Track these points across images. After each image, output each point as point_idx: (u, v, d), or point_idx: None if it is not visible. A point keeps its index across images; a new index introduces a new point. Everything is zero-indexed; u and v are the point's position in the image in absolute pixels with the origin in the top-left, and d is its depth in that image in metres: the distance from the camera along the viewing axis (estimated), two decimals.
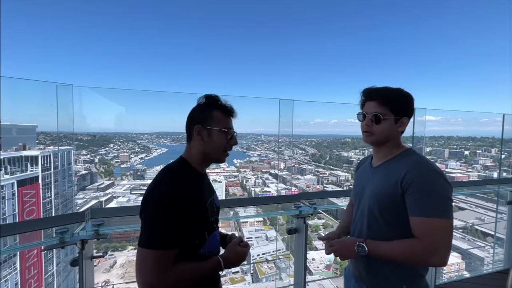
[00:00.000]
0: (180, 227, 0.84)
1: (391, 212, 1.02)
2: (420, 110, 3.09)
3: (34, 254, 6.68)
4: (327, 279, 4.07)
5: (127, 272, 10.43)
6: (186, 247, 0.89)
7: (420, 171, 0.96)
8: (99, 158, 16.67)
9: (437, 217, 0.91)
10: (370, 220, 1.08)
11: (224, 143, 0.98)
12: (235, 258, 0.98)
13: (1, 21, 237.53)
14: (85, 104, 2.07)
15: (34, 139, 8.06)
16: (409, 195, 0.95)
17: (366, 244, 1.00)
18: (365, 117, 1.08)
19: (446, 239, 0.92)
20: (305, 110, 18.78)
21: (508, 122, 3.75)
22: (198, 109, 0.99)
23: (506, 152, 4.82)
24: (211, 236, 0.98)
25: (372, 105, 1.06)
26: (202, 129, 0.95)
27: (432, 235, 0.91)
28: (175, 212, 0.82)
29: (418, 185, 0.94)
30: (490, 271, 2.96)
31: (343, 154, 18.70)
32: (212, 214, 0.98)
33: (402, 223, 1.00)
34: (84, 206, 12.83)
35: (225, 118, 0.99)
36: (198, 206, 0.90)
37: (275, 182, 18.21)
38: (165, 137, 17.61)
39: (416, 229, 0.94)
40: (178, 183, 0.88)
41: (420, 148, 3.33)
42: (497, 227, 3.45)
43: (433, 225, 0.91)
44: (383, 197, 1.02)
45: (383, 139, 1.08)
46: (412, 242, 0.94)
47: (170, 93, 2.81)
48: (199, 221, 0.91)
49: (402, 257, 0.96)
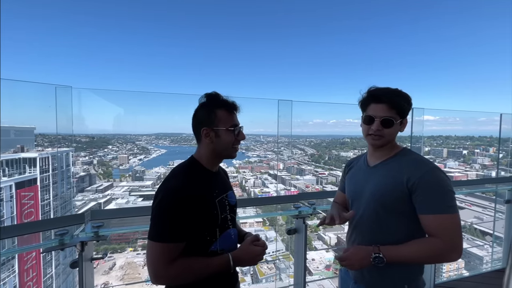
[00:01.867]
0: (184, 222, 0.87)
1: (396, 212, 1.02)
2: (419, 110, 3.10)
3: (33, 257, 6.64)
4: (327, 279, 4.07)
5: (126, 274, 10.38)
6: (196, 242, 0.92)
7: (424, 170, 0.98)
8: (98, 160, 16.60)
9: (449, 212, 0.94)
10: (373, 221, 1.07)
11: (232, 140, 1.01)
12: (247, 256, 0.99)
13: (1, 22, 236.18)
14: (84, 106, 2.07)
15: (32, 141, 8.04)
16: (418, 195, 0.96)
17: (382, 253, 0.96)
18: (373, 120, 1.06)
19: (460, 233, 0.94)
20: (304, 110, 18.76)
21: (506, 121, 3.77)
22: (201, 110, 1.01)
23: (503, 151, 4.84)
24: (224, 234, 0.99)
25: (381, 108, 1.04)
26: (209, 130, 0.98)
27: (449, 231, 0.93)
28: (179, 207, 0.85)
29: (425, 184, 0.96)
30: (489, 270, 2.98)
31: (342, 154, 18.72)
32: (222, 211, 0.99)
33: (408, 223, 1.01)
34: (82, 208, 12.77)
35: (229, 115, 1.01)
36: (203, 202, 0.92)
37: (274, 183, 18.19)
38: (164, 138, 17.58)
39: (431, 227, 0.95)
40: (184, 180, 0.92)
41: (419, 148, 3.34)
42: (496, 226, 3.46)
43: (447, 221, 0.93)
44: (387, 197, 1.02)
45: (389, 142, 1.09)
46: (432, 241, 0.95)
47: (169, 94, 2.82)
48: (206, 217, 0.93)
49: (422, 258, 0.96)
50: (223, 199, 1.02)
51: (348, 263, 1.00)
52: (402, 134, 1.13)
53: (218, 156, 1.04)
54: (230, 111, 1.01)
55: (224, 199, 1.02)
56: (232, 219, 1.07)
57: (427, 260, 1.00)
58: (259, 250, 1.00)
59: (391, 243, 0.99)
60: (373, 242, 1.01)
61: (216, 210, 0.96)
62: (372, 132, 1.06)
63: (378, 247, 0.98)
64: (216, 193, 0.99)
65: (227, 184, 1.12)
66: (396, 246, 0.98)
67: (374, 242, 1.01)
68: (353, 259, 0.99)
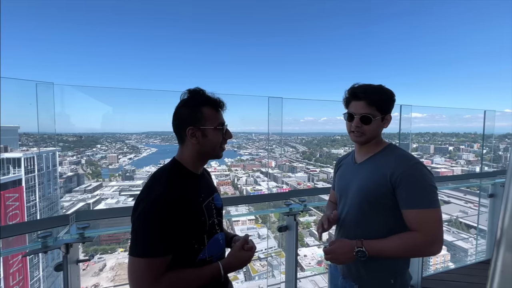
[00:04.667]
0: (171, 232, 0.79)
1: (380, 207, 1.03)
2: (406, 108, 3.16)
3: (19, 260, 6.43)
4: (319, 275, 4.12)
5: (117, 275, 10.22)
6: (183, 252, 0.85)
7: (407, 165, 1.00)
8: (86, 159, 16.22)
9: (430, 207, 0.95)
10: (358, 216, 1.08)
11: (220, 139, 0.95)
12: (237, 262, 0.94)
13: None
14: (68, 103, 2.00)
15: (16, 140, 7.76)
16: (401, 190, 0.98)
17: (364, 247, 0.98)
18: (353, 117, 1.08)
19: (441, 227, 0.96)
20: (295, 108, 18.87)
21: (489, 118, 3.89)
22: (185, 108, 0.93)
23: (487, 147, 5.01)
24: (212, 239, 0.94)
25: (359, 105, 1.06)
26: (195, 130, 0.91)
27: (430, 226, 0.95)
28: (164, 216, 0.78)
29: (408, 179, 0.97)
30: (474, 262, 3.08)
31: (333, 152, 18.95)
32: (209, 216, 0.93)
33: (391, 217, 1.03)
34: (71, 208, 12.47)
35: (216, 113, 0.95)
36: (191, 209, 0.86)
37: (267, 180, 18.25)
38: (154, 137, 17.32)
39: (413, 222, 0.97)
40: (167, 186, 0.84)
41: (407, 145, 3.41)
42: (480, 219, 3.58)
43: (429, 216, 0.95)
44: (372, 192, 1.04)
45: (372, 138, 1.10)
46: (412, 235, 0.97)
47: (158, 91, 2.75)
48: (194, 224, 0.86)
49: (403, 252, 0.98)
50: (210, 202, 0.96)
51: (332, 257, 1.03)
52: (391, 131, 1.14)
53: (204, 157, 0.98)
54: (216, 108, 0.95)
55: (210, 203, 0.96)
56: (220, 223, 1.02)
57: (409, 254, 1.03)
58: (249, 255, 0.97)
59: (374, 237, 1.01)
60: (357, 236, 1.03)
61: (204, 216, 0.90)
62: (353, 129, 1.08)
63: (361, 241, 1.00)
64: (203, 197, 0.93)
65: (212, 186, 1.05)
66: (378, 240, 1.00)
67: (359, 236, 1.03)
68: (338, 252, 1.02)
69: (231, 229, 12.42)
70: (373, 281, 1.09)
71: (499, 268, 0.35)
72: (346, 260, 1.02)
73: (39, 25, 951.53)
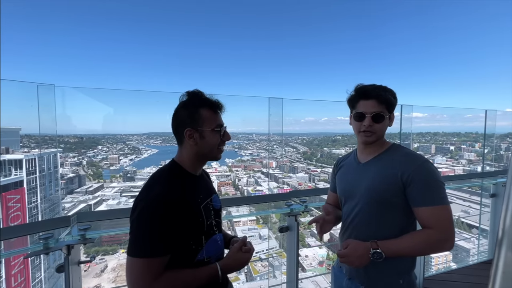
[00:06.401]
0: (168, 232, 0.80)
1: (391, 206, 1.03)
2: (407, 107, 3.15)
3: (21, 261, 6.46)
4: (320, 276, 4.11)
5: (118, 276, 10.23)
6: (181, 252, 0.86)
7: (417, 164, 1.00)
8: (87, 161, 16.27)
9: (442, 204, 0.96)
10: (369, 216, 1.07)
11: (218, 141, 0.95)
12: (235, 264, 0.95)
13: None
14: (70, 105, 2.01)
15: (17, 142, 7.79)
16: (413, 188, 0.98)
17: (380, 248, 0.96)
18: (363, 117, 1.06)
19: (452, 223, 0.97)
20: (296, 108, 18.89)
21: (491, 118, 3.88)
22: (184, 109, 0.93)
23: (488, 146, 4.99)
24: (210, 240, 0.94)
25: (370, 104, 1.05)
26: (193, 131, 0.91)
27: (443, 222, 0.95)
28: (163, 215, 0.79)
29: (419, 177, 0.98)
30: (475, 262, 3.06)
31: (334, 152, 18.95)
32: (207, 217, 0.93)
33: (402, 216, 1.03)
34: (72, 210, 12.49)
35: (214, 115, 0.95)
36: (189, 209, 0.86)
37: (267, 181, 18.24)
38: (155, 137, 17.36)
39: (427, 219, 0.97)
40: (165, 187, 0.85)
41: (408, 144, 3.40)
42: (482, 219, 3.57)
43: (441, 213, 0.96)
44: (382, 191, 1.03)
45: (380, 137, 1.10)
46: (427, 233, 0.97)
47: (159, 93, 2.78)
48: (192, 225, 0.87)
49: (419, 250, 0.98)
50: (208, 204, 0.96)
51: (347, 260, 1.00)
52: (392, 131, 1.14)
53: (203, 159, 0.98)
54: (215, 110, 0.95)
55: (208, 204, 0.97)
56: (218, 224, 1.01)
57: (424, 252, 1.04)
58: (247, 257, 0.97)
59: (387, 237, 1.00)
60: (369, 237, 1.01)
61: (202, 217, 0.91)
62: (364, 128, 1.06)
63: (376, 243, 0.98)
64: (201, 199, 0.93)
65: (211, 187, 1.05)
66: (393, 240, 0.99)
67: (371, 237, 1.01)
68: (353, 255, 0.99)
69: (232, 230, 12.43)
70: (382, 282, 1.07)
71: (501, 268, 0.35)
72: (361, 263, 0.98)
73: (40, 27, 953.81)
